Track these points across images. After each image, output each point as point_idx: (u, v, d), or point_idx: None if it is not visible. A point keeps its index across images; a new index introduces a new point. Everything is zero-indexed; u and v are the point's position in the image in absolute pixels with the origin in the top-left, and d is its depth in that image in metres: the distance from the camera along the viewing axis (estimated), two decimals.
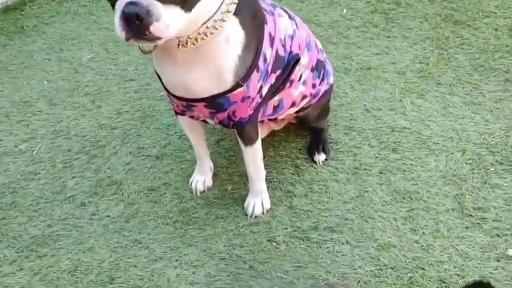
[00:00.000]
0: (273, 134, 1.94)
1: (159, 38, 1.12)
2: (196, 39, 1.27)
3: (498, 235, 1.53)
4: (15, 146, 2.14)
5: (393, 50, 2.32)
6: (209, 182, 1.81)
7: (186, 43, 1.27)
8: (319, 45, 1.74)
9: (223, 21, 1.27)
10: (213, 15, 1.26)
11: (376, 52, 2.33)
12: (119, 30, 1.11)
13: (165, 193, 1.81)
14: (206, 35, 1.27)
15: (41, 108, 2.33)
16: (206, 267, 1.55)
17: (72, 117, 2.24)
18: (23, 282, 1.60)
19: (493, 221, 1.56)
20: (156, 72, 1.48)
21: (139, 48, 1.33)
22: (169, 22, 1.11)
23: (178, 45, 1.27)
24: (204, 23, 1.26)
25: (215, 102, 1.41)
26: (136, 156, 1.99)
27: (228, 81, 1.36)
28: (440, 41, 2.32)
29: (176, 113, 1.61)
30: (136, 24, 1.07)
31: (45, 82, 2.49)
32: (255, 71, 1.38)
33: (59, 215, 1.80)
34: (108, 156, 2.01)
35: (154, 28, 1.09)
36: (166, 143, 2.02)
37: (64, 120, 2.23)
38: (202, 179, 1.79)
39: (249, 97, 1.42)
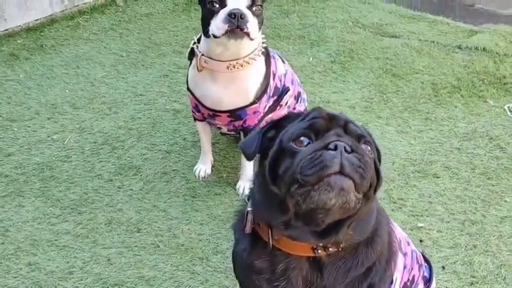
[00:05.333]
0: None
1: (248, 34, 1.80)
2: (241, 65, 1.93)
3: (412, 215, 2.21)
4: (48, 136, 2.66)
5: (347, 91, 3.07)
6: (209, 170, 2.41)
7: (234, 66, 1.92)
8: (298, 80, 2.45)
9: (258, 56, 1.95)
10: (253, 51, 1.95)
11: (334, 91, 3.06)
12: (222, 24, 1.78)
13: (175, 176, 2.40)
14: (248, 63, 1.93)
15: (66, 110, 2.87)
16: (209, 225, 2.13)
17: (93, 119, 2.80)
18: (68, 228, 2.11)
19: (410, 206, 2.25)
20: (189, 89, 2.11)
21: (197, 67, 1.96)
22: (255, 27, 1.82)
23: (228, 67, 1.92)
24: (247, 55, 1.93)
25: (236, 114, 2.06)
26: (150, 150, 2.56)
27: (250, 99, 2.03)
28: (382, 87, 3.09)
29: (195, 119, 2.24)
30: (239, 20, 1.76)
31: (67, 91, 3.04)
32: (265, 94, 2.06)
33: (92, 186, 2.33)
34: (127, 149, 2.57)
35: (249, 25, 1.79)
36: (173, 143, 2.61)
37: (87, 121, 2.78)
38: (204, 167, 2.40)
39: (258, 111, 2.09)
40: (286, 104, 2.30)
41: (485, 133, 2.71)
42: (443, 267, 1.97)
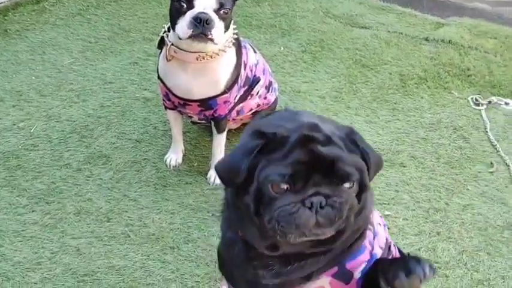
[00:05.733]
0: (230, 131, 2.57)
1: (212, 40, 1.78)
2: (210, 56, 1.92)
3: (380, 203, 2.27)
4: (14, 124, 2.60)
5: (317, 80, 3.10)
6: (180, 159, 2.40)
7: (203, 58, 1.91)
8: (270, 70, 2.46)
9: (229, 47, 1.94)
10: (223, 43, 1.93)
11: (304, 81, 3.09)
12: (186, 29, 1.77)
13: (145, 165, 2.38)
14: (217, 54, 1.93)
15: (32, 97, 2.80)
16: (180, 214, 2.14)
17: (61, 107, 2.74)
18: (36, 219, 2.08)
19: (377, 195, 2.31)
20: (160, 78, 2.10)
21: (166, 56, 1.95)
22: (220, 32, 1.80)
23: (197, 58, 1.91)
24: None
25: (207, 103, 2.05)
26: (120, 138, 2.54)
27: (220, 88, 2.02)
28: (351, 77, 3.13)
29: (166, 108, 2.23)
30: (204, 26, 1.74)
31: (33, 77, 2.97)
32: (236, 84, 2.06)
33: (60, 175, 2.30)
34: (96, 137, 2.53)
35: (214, 31, 1.76)
36: (143, 131, 2.59)
37: (54, 108, 2.73)
38: (175, 157, 2.39)
39: (228, 101, 2.09)
40: (258, 93, 2.31)
41: (449, 123, 2.79)
42: (408, 254, 2.03)
